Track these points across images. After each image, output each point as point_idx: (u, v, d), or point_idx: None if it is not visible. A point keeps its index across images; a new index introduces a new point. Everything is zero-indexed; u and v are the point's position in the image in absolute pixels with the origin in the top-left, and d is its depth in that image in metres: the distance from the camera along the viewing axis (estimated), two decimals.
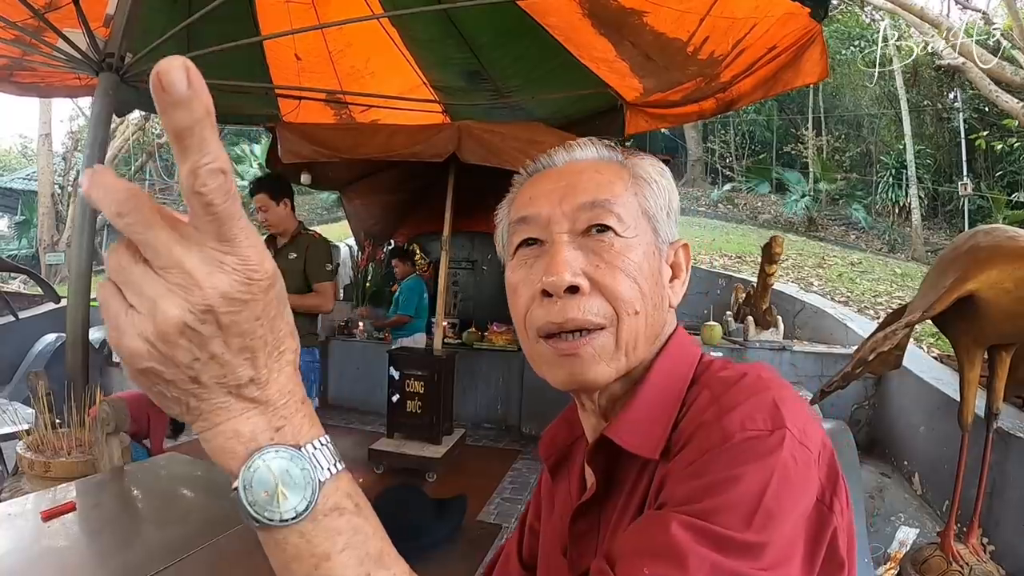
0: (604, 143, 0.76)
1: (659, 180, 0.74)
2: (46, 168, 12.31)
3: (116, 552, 1.48)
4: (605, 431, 0.67)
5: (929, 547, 3.05)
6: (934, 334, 5.50)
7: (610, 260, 0.67)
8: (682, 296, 0.76)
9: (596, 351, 0.66)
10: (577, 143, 0.76)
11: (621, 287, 0.66)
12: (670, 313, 0.75)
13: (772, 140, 17.10)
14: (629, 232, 0.68)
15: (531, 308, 0.69)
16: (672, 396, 0.67)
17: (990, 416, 2.98)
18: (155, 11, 3.67)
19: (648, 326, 0.69)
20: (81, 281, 3.11)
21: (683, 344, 0.74)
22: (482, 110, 5.02)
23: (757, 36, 3.32)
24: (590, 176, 0.71)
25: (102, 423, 2.19)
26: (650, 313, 0.68)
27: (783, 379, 0.66)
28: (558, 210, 0.69)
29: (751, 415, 0.57)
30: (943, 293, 2.60)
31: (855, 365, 2.93)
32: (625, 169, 0.73)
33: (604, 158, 0.75)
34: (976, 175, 13.19)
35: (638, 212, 0.70)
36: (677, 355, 0.72)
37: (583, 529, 0.72)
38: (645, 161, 0.75)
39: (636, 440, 0.65)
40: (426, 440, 4.92)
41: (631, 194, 0.71)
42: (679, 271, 0.76)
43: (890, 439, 5.07)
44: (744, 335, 5.82)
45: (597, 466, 0.70)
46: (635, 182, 0.72)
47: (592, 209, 0.68)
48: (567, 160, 0.75)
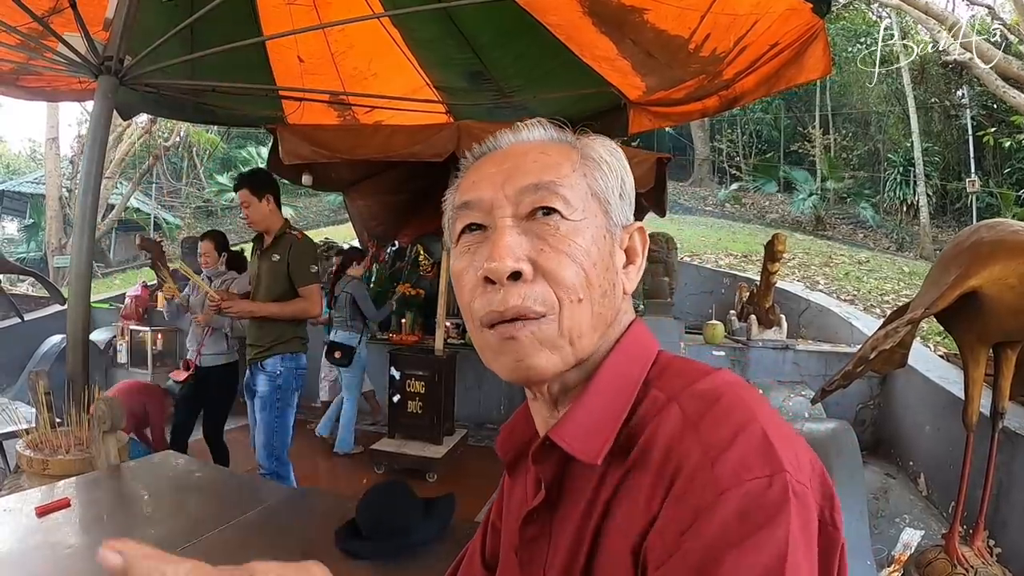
0: (554, 124, 0.73)
1: (610, 161, 0.71)
2: (53, 172, 12.38)
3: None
4: (550, 432, 0.64)
5: (934, 549, 3.01)
6: (940, 332, 5.46)
7: (555, 244, 0.64)
8: (637, 282, 0.72)
9: (535, 336, 0.63)
10: (524, 124, 0.73)
11: (565, 272, 0.63)
12: (626, 301, 0.71)
13: (779, 139, 17.07)
14: (576, 215, 0.65)
15: (475, 296, 0.66)
16: (623, 396, 0.64)
17: (996, 415, 2.94)
18: (156, 15, 3.69)
19: (595, 314, 0.65)
20: (81, 283, 3.12)
21: (639, 338, 0.70)
22: (485, 110, 5.02)
23: (759, 33, 3.30)
24: (535, 157, 0.68)
25: (98, 421, 2.19)
26: (597, 300, 0.65)
27: (750, 385, 0.63)
28: (500, 193, 0.66)
29: (744, 460, 0.53)
30: (945, 290, 2.57)
31: (856, 363, 2.90)
32: (574, 150, 0.70)
33: (552, 139, 0.72)
34: (984, 172, 13.14)
35: (587, 194, 0.67)
36: (631, 350, 0.68)
37: (533, 534, 0.69)
38: (596, 141, 0.72)
39: (581, 443, 0.62)
40: (427, 440, 4.92)
41: (579, 175, 0.68)
42: (634, 256, 0.72)
43: (895, 439, 5.04)
44: (747, 334, 5.79)
45: (545, 469, 0.66)
46: (584, 163, 0.69)
47: (536, 191, 0.65)
48: (512, 142, 0.72)
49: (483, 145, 0.74)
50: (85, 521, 1.68)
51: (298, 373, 3.50)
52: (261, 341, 3.42)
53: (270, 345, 3.40)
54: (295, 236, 3.48)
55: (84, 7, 3.15)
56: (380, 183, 6.37)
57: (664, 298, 5.75)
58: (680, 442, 0.56)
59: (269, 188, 3.45)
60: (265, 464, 3.41)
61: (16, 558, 1.42)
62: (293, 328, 3.48)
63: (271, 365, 3.40)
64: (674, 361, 0.68)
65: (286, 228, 3.51)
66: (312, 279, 3.43)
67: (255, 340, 3.45)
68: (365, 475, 4.76)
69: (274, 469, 3.41)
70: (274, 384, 3.39)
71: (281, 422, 3.42)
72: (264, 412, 3.40)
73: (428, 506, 1.70)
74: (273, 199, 3.45)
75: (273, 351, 3.40)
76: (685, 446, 0.55)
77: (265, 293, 3.43)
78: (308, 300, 3.41)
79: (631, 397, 0.64)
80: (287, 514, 1.82)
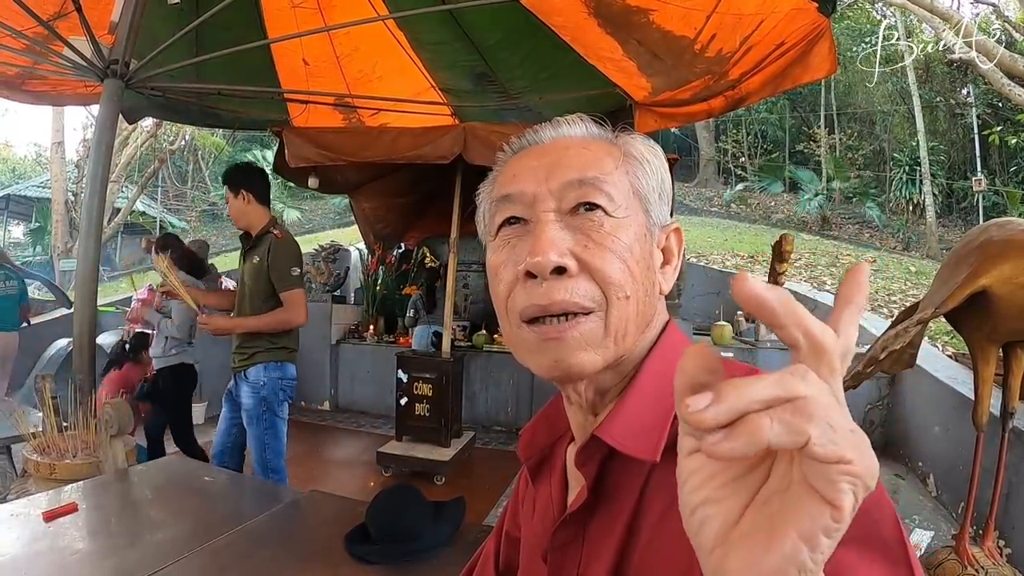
0: (594, 119, 0.72)
1: (652, 160, 0.70)
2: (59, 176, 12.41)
3: (114, 553, 1.48)
4: (596, 431, 0.62)
5: (944, 550, 2.99)
6: (949, 332, 5.43)
7: (599, 240, 0.62)
8: (673, 282, 0.71)
9: (583, 336, 0.62)
10: (565, 119, 0.72)
11: (611, 269, 0.62)
12: (661, 302, 0.70)
13: (784, 139, 17.05)
14: (620, 212, 0.64)
15: (514, 291, 0.64)
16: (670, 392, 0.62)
17: (1006, 416, 2.92)
18: (161, 19, 3.69)
19: (639, 313, 0.64)
20: (87, 286, 3.12)
21: (677, 336, 0.70)
22: (491, 112, 5.01)
23: (765, 32, 3.28)
24: (577, 152, 0.67)
25: (105, 425, 2.19)
26: (641, 299, 0.64)
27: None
28: (544, 187, 0.65)
29: None
30: (955, 289, 2.55)
31: (866, 364, 2.88)
32: (615, 147, 0.69)
33: (593, 135, 0.71)
34: (990, 171, 13.10)
35: (629, 191, 0.66)
36: (673, 348, 0.67)
37: (566, 538, 0.67)
38: (637, 140, 0.71)
39: (633, 441, 0.60)
40: (435, 443, 4.91)
41: (622, 172, 0.67)
42: (671, 256, 0.71)
43: (904, 440, 5.01)
44: (755, 335, 5.78)
45: (588, 471, 0.64)
46: (626, 160, 0.68)
47: (580, 187, 0.64)
48: (553, 136, 0.71)
49: (522, 139, 0.73)
50: (92, 525, 1.67)
51: (284, 384, 3.26)
52: (243, 349, 3.24)
53: (252, 353, 3.20)
54: (275, 236, 3.24)
55: (89, 11, 3.16)
56: (386, 185, 6.38)
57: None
58: None
59: (245, 183, 3.25)
60: (261, 477, 3.24)
61: (23, 563, 1.41)
62: (275, 338, 3.24)
63: (254, 375, 3.18)
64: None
65: (269, 227, 3.27)
66: (294, 283, 3.20)
67: (237, 348, 3.27)
68: (373, 478, 4.76)
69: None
70: (258, 396, 3.17)
71: (272, 436, 3.22)
72: (252, 426, 3.21)
73: (438, 510, 1.69)
74: (252, 195, 3.25)
75: (255, 360, 3.19)
76: None
77: (249, 297, 3.23)
78: (289, 309, 3.18)
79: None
80: (296, 518, 1.81)
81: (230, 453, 3.39)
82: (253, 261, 3.22)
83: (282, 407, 3.27)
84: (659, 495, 0.59)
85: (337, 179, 5.81)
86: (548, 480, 0.77)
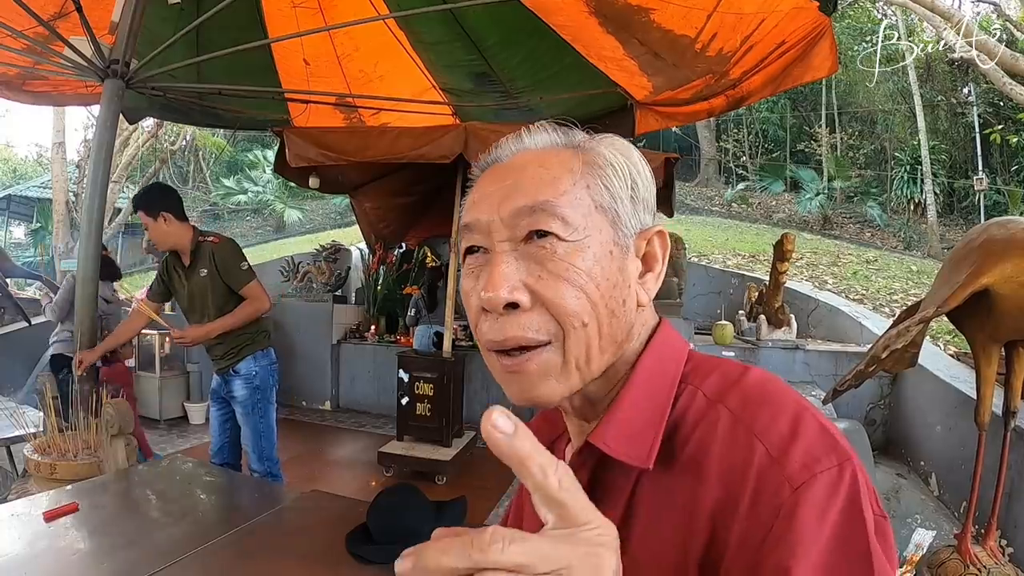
0: (561, 125, 0.70)
1: (617, 163, 0.66)
2: (60, 176, 12.40)
3: (114, 552, 1.48)
4: (589, 437, 0.62)
5: (946, 550, 2.99)
6: (950, 331, 5.43)
7: (553, 269, 0.60)
8: (656, 290, 0.68)
9: (540, 368, 0.61)
10: (528, 129, 0.69)
11: (564, 299, 0.60)
12: (645, 311, 0.68)
13: (785, 138, 17.00)
14: (575, 235, 0.61)
15: (479, 320, 0.64)
16: (661, 396, 0.62)
17: (1008, 414, 2.92)
18: (162, 19, 3.69)
19: (602, 336, 0.62)
20: (88, 286, 3.12)
21: (669, 339, 0.68)
22: (491, 112, 5.00)
23: (766, 31, 3.28)
24: (533, 172, 0.64)
25: (106, 426, 2.19)
26: (605, 321, 0.62)
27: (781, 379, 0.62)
28: (496, 216, 0.63)
29: (811, 451, 0.52)
30: (957, 288, 2.55)
31: (868, 363, 2.88)
32: (577, 156, 0.66)
33: (554, 145, 0.68)
34: (992, 170, 13.07)
35: (589, 208, 0.63)
36: (664, 351, 0.66)
37: None
38: (603, 142, 0.68)
39: (625, 447, 0.60)
40: (436, 443, 4.91)
41: (581, 187, 0.63)
42: (653, 262, 0.68)
43: (906, 439, 5.01)
44: (757, 334, 5.77)
45: (582, 476, 0.62)
46: (587, 171, 0.65)
47: (532, 214, 0.61)
48: (515, 151, 0.69)
49: (489, 155, 0.71)
50: (93, 525, 1.67)
51: (272, 368, 3.42)
52: (228, 350, 3.32)
53: (239, 349, 3.31)
54: (211, 243, 3.28)
55: (90, 11, 3.15)
56: (387, 185, 6.38)
57: (673, 299, 5.74)
58: (736, 444, 0.55)
59: (163, 205, 3.17)
60: (258, 468, 3.36)
61: (24, 562, 1.41)
62: (254, 326, 3.37)
63: (245, 368, 3.31)
64: (707, 360, 0.66)
65: (198, 238, 3.28)
66: (248, 276, 3.28)
67: (222, 353, 3.33)
68: (374, 478, 4.76)
69: (267, 470, 3.38)
70: (252, 385, 3.31)
71: (266, 423, 3.37)
72: (247, 416, 3.33)
73: (439, 509, 1.69)
74: (172, 215, 3.18)
75: (243, 354, 3.31)
76: (743, 448, 0.54)
77: (211, 307, 3.27)
78: (254, 300, 3.28)
79: (670, 396, 0.62)
80: (297, 518, 1.81)
81: (229, 448, 3.48)
82: (200, 275, 3.25)
83: (273, 393, 3.42)
84: (649, 497, 0.60)
85: (338, 179, 5.81)
86: None
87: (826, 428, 0.54)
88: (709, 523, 0.53)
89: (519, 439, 0.42)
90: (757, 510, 0.51)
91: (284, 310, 7.35)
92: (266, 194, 18.61)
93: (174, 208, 3.21)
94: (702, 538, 0.54)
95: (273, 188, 18.47)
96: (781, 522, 0.49)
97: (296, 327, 7.28)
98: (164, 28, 3.64)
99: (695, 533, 0.54)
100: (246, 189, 18.62)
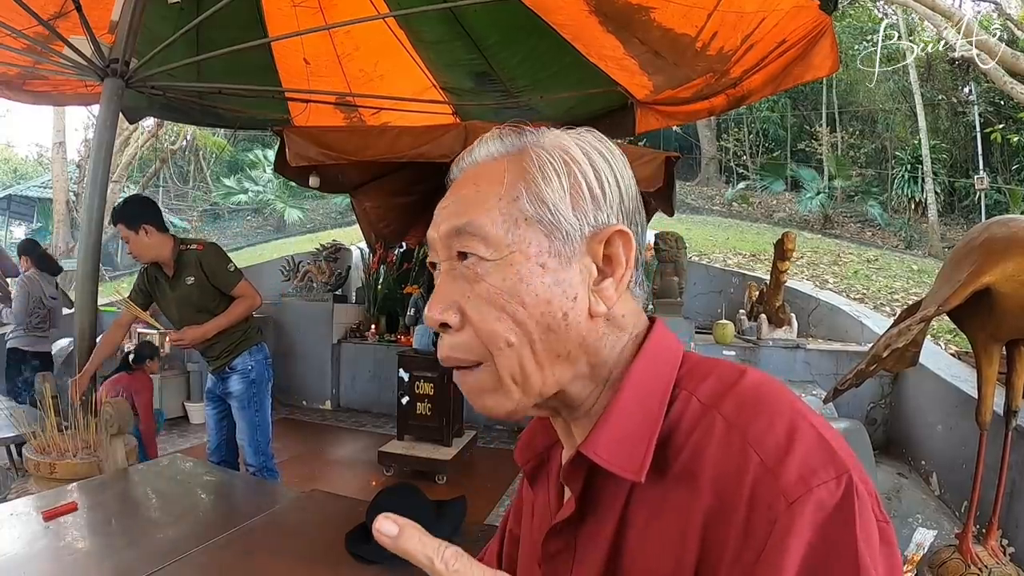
0: (512, 130, 0.68)
1: (560, 164, 0.63)
2: (60, 176, 12.42)
3: (113, 552, 1.47)
4: (581, 447, 0.60)
5: (947, 549, 2.98)
6: (951, 330, 5.42)
7: (477, 291, 0.61)
8: (621, 292, 0.64)
9: (476, 384, 0.63)
10: (480, 140, 0.69)
11: (484, 320, 0.60)
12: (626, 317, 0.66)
13: (786, 137, 17.01)
14: (496, 253, 0.60)
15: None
16: (654, 402, 0.60)
17: (1009, 414, 2.92)
18: (162, 19, 3.69)
19: (537, 352, 0.61)
20: (88, 284, 3.13)
21: (663, 342, 0.65)
22: (491, 111, 5.00)
23: (766, 30, 3.27)
24: (466, 192, 0.65)
25: (106, 425, 2.19)
26: (537, 339, 0.60)
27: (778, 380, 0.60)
28: (436, 235, 0.65)
29: (807, 463, 0.50)
30: (958, 287, 2.54)
31: (869, 362, 2.87)
32: (514, 164, 0.64)
33: (495, 155, 0.67)
34: (992, 169, 13.07)
35: (516, 221, 0.61)
36: (657, 355, 0.64)
37: (557, 548, 0.66)
38: (546, 140, 0.66)
39: (617, 458, 0.58)
40: (436, 442, 4.90)
41: (508, 200, 0.62)
42: (614, 265, 0.63)
43: (907, 438, 5.00)
44: (757, 333, 5.77)
45: (574, 485, 0.62)
46: (517, 181, 0.63)
47: (459, 235, 0.62)
48: (464, 168, 0.69)
49: (452, 169, 0.71)
50: (92, 525, 1.67)
51: (267, 363, 3.51)
52: (224, 348, 3.38)
53: (234, 346, 3.39)
54: (195, 250, 3.29)
55: (89, 10, 3.15)
56: (387, 185, 6.36)
57: (674, 297, 5.73)
58: (730, 453, 0.53)
59: (144, 217, 3.15)
60: (254, 462, 3.43)
61: (23, 562, 1.41)
62: (246, 323, 3.45)
63: (242, 363, 3.39)
64: (702, 362, 0.64)
65: (180, 247, 3.28)
66: (237, 277, 3.35)
67: (218, 352, 3.38)
68: (374, 478, 4.76)
69: (263, 464, 3.45)
70: (248, 380, 3.39)
71: (262, 417, 3.45)
72: (244, 411, 3.41)
73: (439, 509, 1.68)
74: (152, 227, 3.16)
75: (239, 350, 3.39)
76: (737, 457, 0.52)
77: (205, 314, 3.30)
78: (245, 299, 3.35)
79: (663, 404, 0.60)
80: (297, 517, 1.80)
81: (226, 446, 3.58)
82: (187, 284, 3.26)
83: (268, 387, 3.51)
84: (643, 506, 0.58)
85: (338, 178, 5.80)
86: (546, 485, 0.76)
87: (824, 437, 0.52)
88: (702, 535, 0.52)
89: (403, 539, 0.47)
90: (752, 525, 0.50)
91: (284, 310, 7.35)
92: (267, 194, 18.63)
93: (154, 220, 3.18)
94: (695, 550, 0.53)
95: (274, 188, 18.49)
96: (775, 539, 0.48)
97: (296, 327, 7.28)
98: (164, 27, 3.64)
99: (689, 545, 0.53)
100: (247, 189, 18.63)
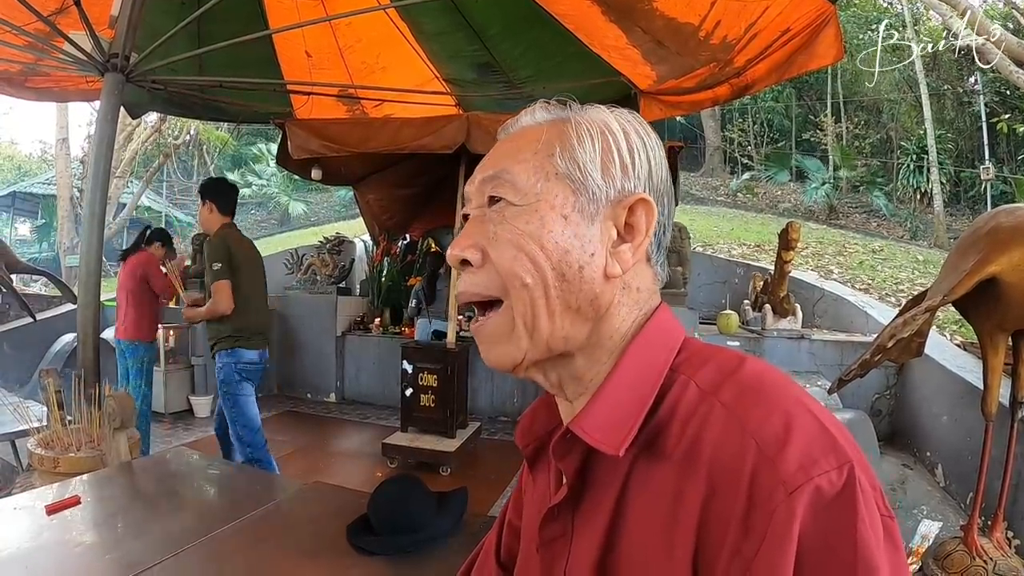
0: (556, 103, 0.71)
1: (596, 132, 0.66)
2: (64, 172, 12.44)
3: (116, 545, 1.47)
4: (570, 423, 0.61)
5: (952, 541, 2.97)
6: (957, 321, 5.39)
7: (501, 232, 0.64)
8: (638, 258, 0.66)
9: (492, 331, 0.66)
10: (527, 110, 0.73)
11: (503, 258, 0.63)
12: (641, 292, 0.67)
13: (791, 128, 16.94)
14: (523, 199, 0.64)
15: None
16: (647, 384, 0.61)
17: (1015, 405, 2.90)
18: (162, 13, 3.68)
19: (551, 298, 0.62)
20: (91, 280, 3.13)
21: (663, 325, 0.66)
22: (494, 102, 4.98)
23: (770, 19, 3.25)
24: (506, 147, 0.70)
25: (109, 418, 2.19)
26: (552, 284, 0.62)
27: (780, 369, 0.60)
28: (473, 187, 0.70)
29: (808, 452, 0.49)
30: (963, 277, 2.52)
31: (874, 352, 2.85)
32: (553, 127, 0.68)
33: (539, 122, 0.70)
34: (998, 159, 12.99)
35: (548, 174, 0.65)
36: (655, 337, 0.64)
37: (554, 532, 0.66)
38: (586, 114, 0.69)
39: (601, 434, 0.59)
40: (440, 434, 4.91)
41: (543, 156, 0.65)
42: (634, 233, 0.65)
43: (912, 429, 4.99)
44: (762, 324, 5.75)
45: (567, 463, 0.63)
46: (555, 140, 0.66)
47: (492, 181, 0.67)
48: (510, 131, 0.74)
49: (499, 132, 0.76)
50: (95, 519, 1.67)
51: (238, 367, 3.62)
52: (208, 339, 3.74)
53: (214, 343, 3.66)
54: (208, 238, 3.74)
55: (89, 6, 3.14)
56: (390, 177, 6.36)
57: (678, 288, 5.72)
58: (728, 441, 0.53)
59: (210, 194, 3.71)
60: (240, 452, 3.64)
61: (26, 556, 1.41)
62: (220, 325, 3.62)
63: (217, 360, 3.65)
64: (703, 348, 0.65)
65: (220, 231, 3.69)
66: (214, 277, 3.54)
67: (209, 340, 3.73)
68: (378, 469, 4.77)
69: (250, 456, 3.60)
70: (218, 378, 3.63)
71: (238, 413, 3.60)
72: (223, 401, 3.65)
73: (441, 500, 1.68)
74: (215, 205, 3.68)
75: (216, 348, 3.64)
76: (735, 445, 0.52)
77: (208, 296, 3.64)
78: (213, 299, 3.55)
79: (656, 384, 0.61)
80: (299, 509, 1.80)
81: (219, 417, 3.84)
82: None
83: (241, 386, 3.64)
84: (641, 488, 0.58)
85: (341, 171, 5.79)
86: (546, 469, 0.75)
87: (825, 427, 0.52)
88: (700, 522, 0.52)
89: None
90: (751, 515, 0.49)
91: (289, 303, 7.37)
92: (270, 187, 18.67)
93: (217, 200, 3.71)
94: (693, 537, 0.52)
95: (277, 181, 18.52)
96: (775, 529, 0.47)
97: (300, 319, 7.30)
98: (165, 21, 3.63)
99: (686, 531, 0.53)
100: (250, 183, 18.66)
